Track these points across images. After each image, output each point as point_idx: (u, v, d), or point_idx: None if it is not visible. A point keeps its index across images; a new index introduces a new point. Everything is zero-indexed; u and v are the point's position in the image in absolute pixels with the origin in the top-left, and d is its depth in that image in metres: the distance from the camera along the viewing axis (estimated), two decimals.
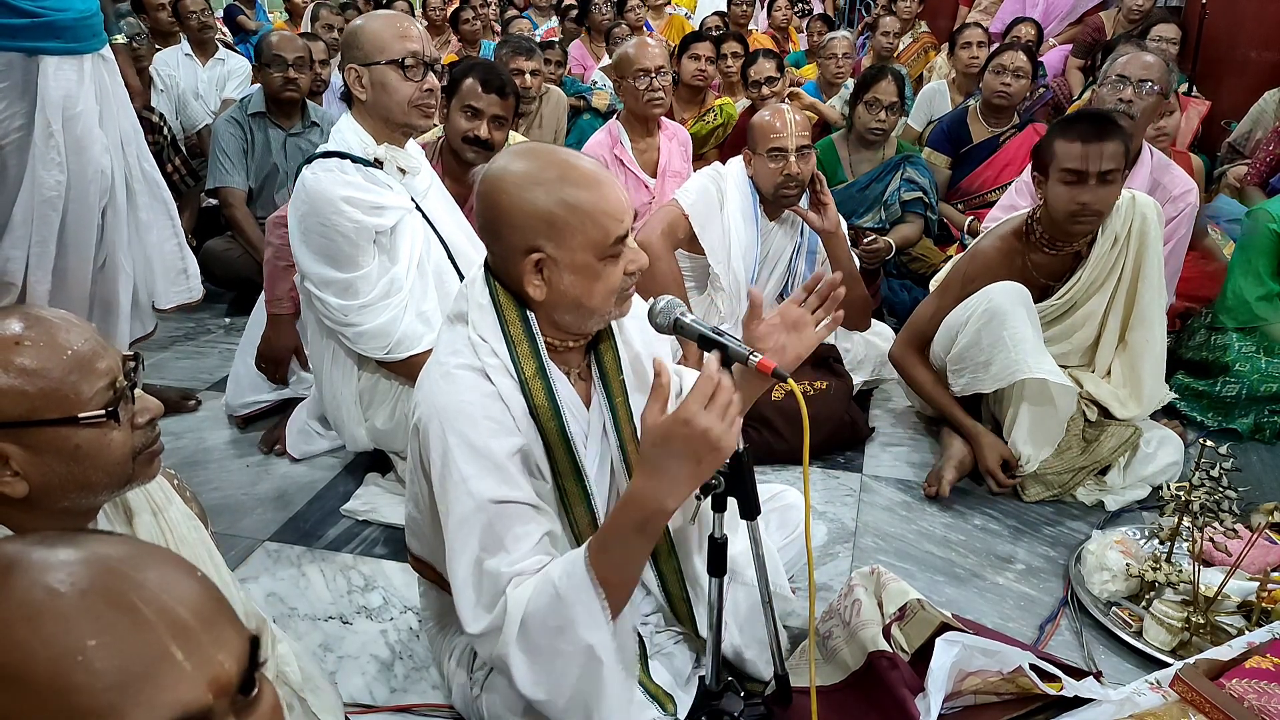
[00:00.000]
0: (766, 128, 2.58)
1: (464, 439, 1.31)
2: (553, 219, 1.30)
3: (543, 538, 1.34)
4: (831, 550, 2.15)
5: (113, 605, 0.59)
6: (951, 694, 1.53)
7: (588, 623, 1.27)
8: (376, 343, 2.14)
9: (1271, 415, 2.68)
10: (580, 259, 1.31)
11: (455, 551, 1.32)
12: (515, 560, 1.30)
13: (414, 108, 2.10)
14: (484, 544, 1.30)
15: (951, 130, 3.83)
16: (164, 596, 0.61)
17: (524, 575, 1.29)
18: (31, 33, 2.30)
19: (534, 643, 1.28)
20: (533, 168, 1.32)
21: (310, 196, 2.07)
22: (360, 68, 2.07)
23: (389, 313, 2.13)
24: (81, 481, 1.03)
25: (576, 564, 1.27)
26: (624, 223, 1.33)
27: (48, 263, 2.46)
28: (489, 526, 1.30)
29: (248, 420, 2.70)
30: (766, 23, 6.68)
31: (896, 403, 2.88)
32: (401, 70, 2.06)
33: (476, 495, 1.30)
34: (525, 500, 1.33)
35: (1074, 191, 2.22)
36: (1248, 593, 1.82)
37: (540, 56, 3.75)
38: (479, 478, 1.31)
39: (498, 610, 1.29)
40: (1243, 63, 4.65)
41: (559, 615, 1.26)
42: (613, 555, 1.26)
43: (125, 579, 0.61)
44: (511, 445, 1.34)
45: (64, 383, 1.00)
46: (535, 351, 1.38)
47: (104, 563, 0.61)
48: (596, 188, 1.31)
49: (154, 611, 0.60)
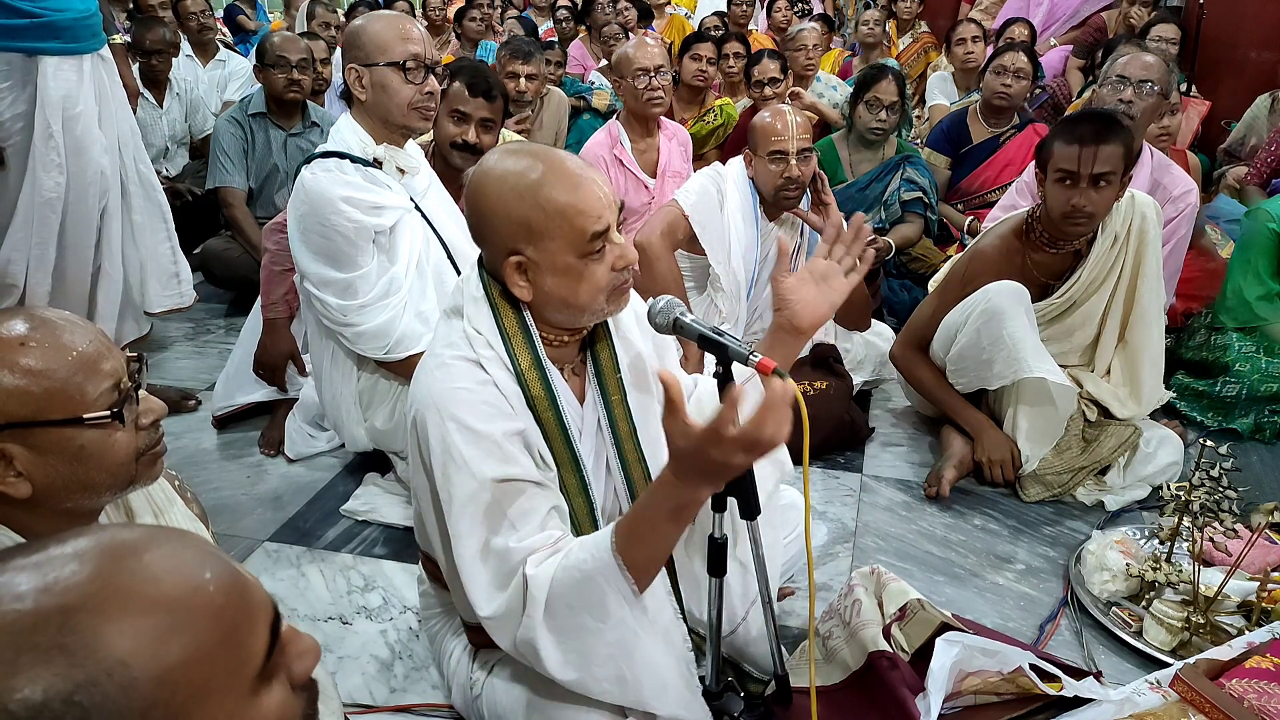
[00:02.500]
0: (768, 130, 2.57)
1: (462, 423, 1.31)
2: (529, 223, 1.30)
3: (549, 512, 1.33)
4: (831, 550, 2.15)
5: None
6: (951, 694, 1.53)
7: (618, 601, 1.25)
8: (375, 343, 2.14)
9: (1271, 415, 2.68)
10: (561, 260, 1.31)
11: (461, 535, 1.31)
12: (524, 537, 1.28)
13: (413, 110, 2.09)
14: (490, 523, 1.29)
15: (951, 130, 3.84)
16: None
17: (539, 551, 1.27)
18: (31, 33, 2.30)
19: (562, 623, 1.26)
20: (511, 171, 1.32)
21: (309, 196, 2.07)
22: (361, 68, 2.06)
23: (388, 313, 2.13)
24: (85, 482, 1.03)
25: (602, 550, 1.24)
26: (603, 219, 1.31)
27: (48, 264, 2.46)
28: (494, 505, 1.29)
29: (224, 421, 2.69)
30: (766, 23, 6.68)
31: (896, 403, 2.88)
32: (402, 72, 2.05)
33: (479, 475, 1.29)
34: (527, 477, 1.32)
35: (1068, 193, 2.22)
36: (1248, 593, 1.82)
37: (539, 60, 3.74)
38: (480, 459, 1.30)
39: (513, 590, 1.27)
40: (1241, 62, 4.65)
41: (586, 597, 1.24)
42: (646, 541, 1.23)
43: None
44: (510, 427, 1.33)
45: (69, 383, 1.00)
46: (530, 344, 1.38)
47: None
48: (574, 188, 1.30)
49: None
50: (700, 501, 1.22)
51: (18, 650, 0.54)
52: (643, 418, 1.49)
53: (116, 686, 0.55)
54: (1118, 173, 2.21)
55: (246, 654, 0.62)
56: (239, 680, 0.61)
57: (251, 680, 0.62)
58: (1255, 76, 4.43)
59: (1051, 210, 2.28)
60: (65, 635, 0.55)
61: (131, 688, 0.55)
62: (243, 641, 0.62)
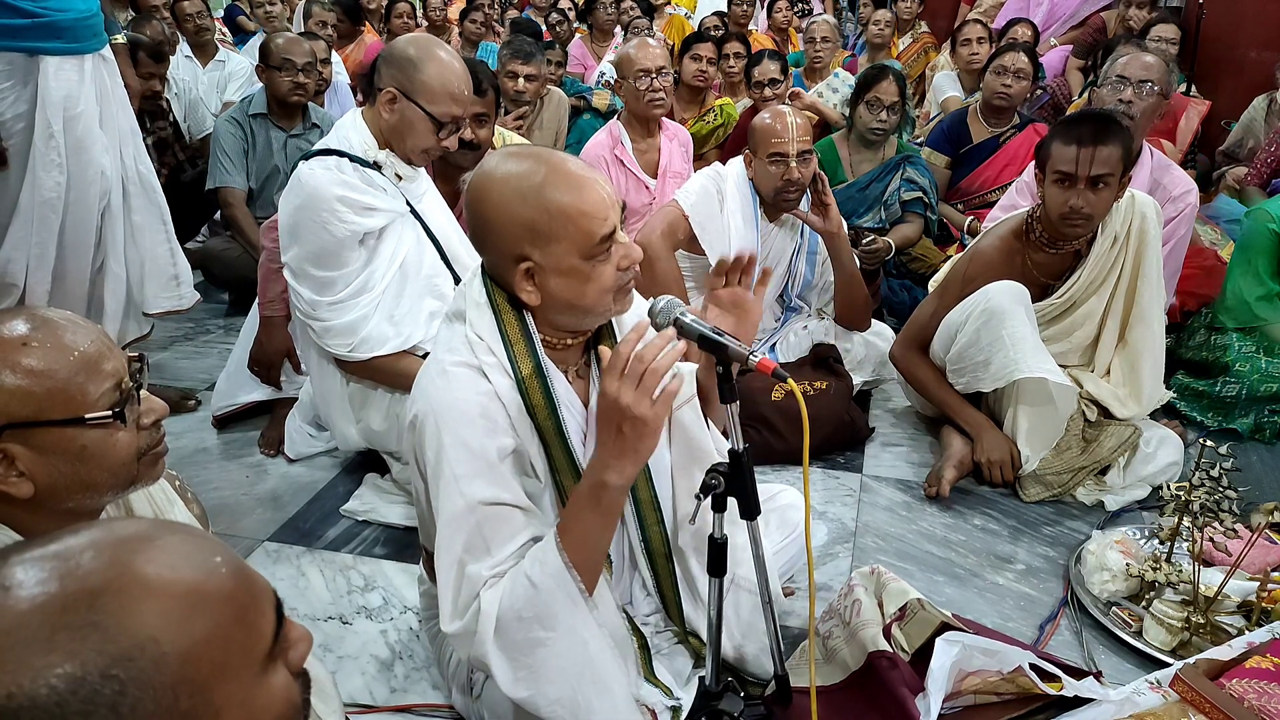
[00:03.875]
0: (768, 131, 2.57)
1: (458, 438, 1.32)
2: (534, 226, 1.29)
3: (527, 543, 1.35)
4: (831, 550, 2.15)
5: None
6: (951, 694, 1.54)
7: (567, 605, 1.29)
8: (340, 340, 2.14)
9: (1271, 415, 2.68)
10: (568, 263, 1.31)
11: (441, 549, 1.34)
12: (496, 564, 1.31)
13: (424, 153, 2.14)
14: (469, 546, 1.32)
15: (951, 130, 3.83)
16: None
17: (497, 578, 1.31)
18: (32, 33, 2.30)
19: (511, 639, 1.29)
20: (514, 175, 1.32)
21: (306, 192, 2.07)
22: (399, 94, 2.05)
23: (358, 311, 2.13)
24: (87, 482, 1.03)
25: (548, 549, 1.29)
26: (609, 221, 1.32)
27: (48, 264, 2.46)
28: (477, 529, 1.32)
29: (224, 421, 2.69)
30: (766, 24, 6.68)
31: (896, 403, 2.88)
32: (435, 126, 2.07)
33: (467, 496, 1.31)
34: (515, 503, 1.35)
35: (1066, 194, 2.23)
36: (1248, 593, 1.82)
37: (540, 61, 3.74)
38: (470, 478, 1.32)
39: (469, 615, 1.30)
40: (1241, 63, 4.65)
41: (535, 605, 1.28)
42: (574, 533, 1.29)
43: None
44: (505, 446, 1.35)
45: (71, 383, 1.00)
46: (532, 350, 1.38)
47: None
48: (577, 190, 1.30)
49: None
50: (611, 487, 1.25)
51: (53, 629, 0.57)
52: None
53: (149, 661, 0.58)
54: (1116, 174, 2.21)
55: (257, 634, 0.66)
56: (252, 659, 0.65)
57: (262, 659, 0.66)
58: (1255, 77, 4.43)
59: (1050, 211, 2.28)
60: (96, 614, 0.58)
61: (162, 662, 0.59)
62: (253, 622, 0.66)
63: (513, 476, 1.36)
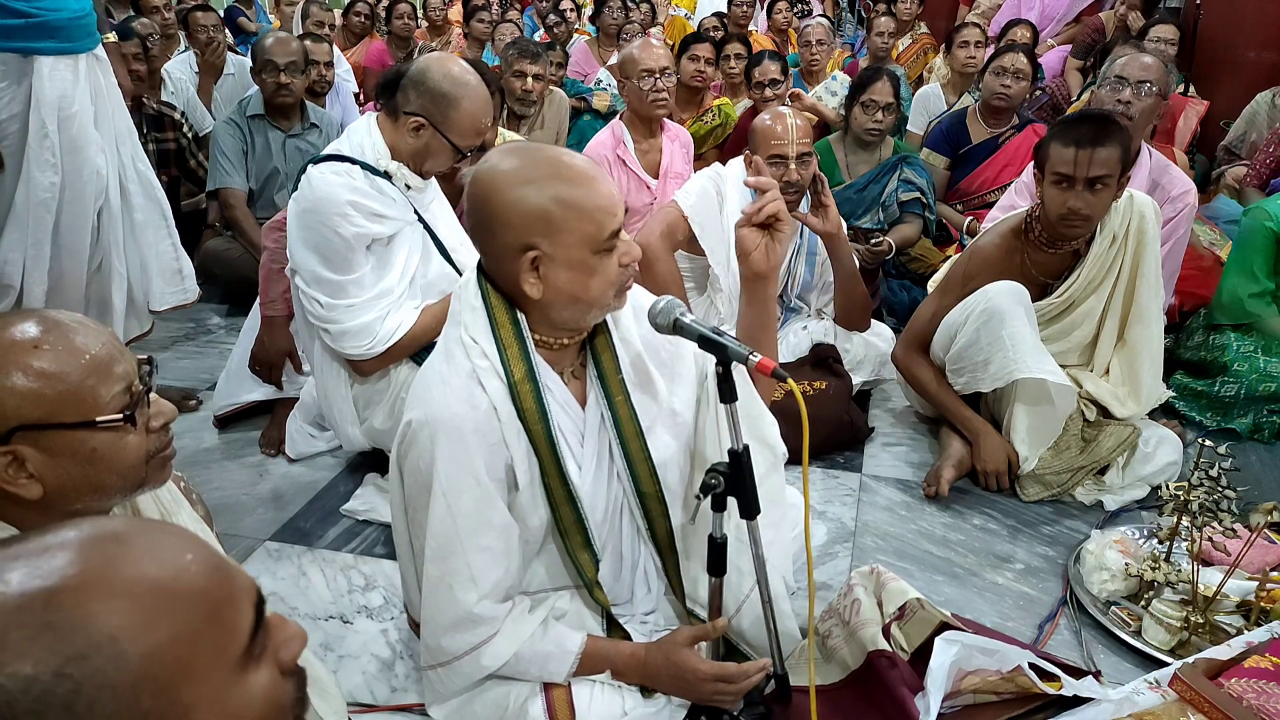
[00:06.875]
0: (768, 133, 2.57)
1: (449, 454, 1.35)
2: (547, 216, 1.30)
3: (507, 570, 1.42)
4: (831, 550, 2.16)
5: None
6: (951, 693, 1.54)
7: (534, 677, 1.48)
8: (355, 341, 2.14)
9: (1270, 415, 2.68)
10: (576, 255, 1.32)
11: (428, 558, 1.39)
12: (483, 595, 1.39)
13: (438, 173, 2.21)
14: (454, 569, 1.38)
15: (950, 131, 3.84)
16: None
17: (495, 628, 1.42)
18: (26, 33, 2.30)
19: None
20: (523, 166, 1.32)
21: (316, 196, 2.07)
22: (427, 124, 2.09)
23: (373, 313, 2.13)
24: (96, 484, 1.03)
25: (564, 662, 1.46)
26: (617, 217, 1.34)
27: (44, 264, 2.46)
28: (460, 548, 1.37)
29: (225, 420, 2.69)
30: (766, 25, 6.68)
31: (896, 403, 2.88)
32: (457, 156, 2.14)
33: (454, 510, 1.36)
34: (500, 524, 1.39)
35: (1064, 195, 2.23)
36: (1247, 592, 1.83)
37: (545, 60, 3.75)
38: (458, 493, 1.35)
39: (468, 660, 1.43)
40: (1239, 63, 4.66)
41: (508, 669, 1.45)
42: (590, 666, 1.49)
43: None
44: (495, 463, 1.38)
45: (82, 386, 1.00)
46: (525, 354, 1.39)
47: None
48: (589, 184, 1.32)
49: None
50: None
51: (5, 629, 0.57)
52: (645, 415, 1.49)
53: (106, 660, 0.58)
54: (1114, 175, 2.21)
55: (232, 633, 0.65)
56: (225, 658, 0.64)
57: (238, 659, 0.65)
58: (1253, 76, 4.44)
59: (1049, 212, 2.29)
60: (50, 614, 0.58)
61: (121, 661, 0.58)
62: (228, 621, 0.65)
63: (499, 493, 1.39)
